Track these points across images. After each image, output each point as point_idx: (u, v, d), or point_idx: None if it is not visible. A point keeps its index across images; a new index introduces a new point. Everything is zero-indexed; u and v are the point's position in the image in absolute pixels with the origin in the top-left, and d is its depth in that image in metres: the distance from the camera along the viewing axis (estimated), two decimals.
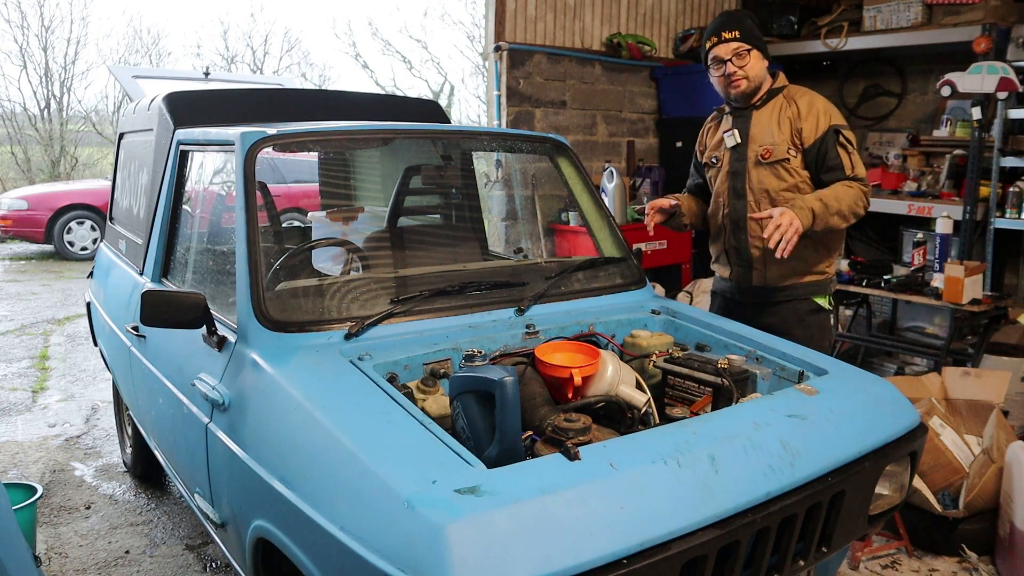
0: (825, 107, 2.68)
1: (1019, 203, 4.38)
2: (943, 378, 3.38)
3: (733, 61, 2.65)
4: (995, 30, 4.38)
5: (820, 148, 2.62)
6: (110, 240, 3.55)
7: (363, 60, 29.61)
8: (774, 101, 2.72)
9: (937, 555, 2.96)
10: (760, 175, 2.70)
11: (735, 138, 2.75)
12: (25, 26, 18.23)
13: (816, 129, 2.63)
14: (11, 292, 7.99)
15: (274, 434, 1.73)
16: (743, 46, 2.65)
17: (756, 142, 2.71)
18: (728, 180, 2.79)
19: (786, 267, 2.69)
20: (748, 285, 2.81)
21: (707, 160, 2.90)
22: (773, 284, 2.75)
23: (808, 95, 2.72)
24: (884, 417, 1.87)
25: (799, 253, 2.61)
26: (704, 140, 2.97)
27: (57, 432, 4.25)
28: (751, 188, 2.73)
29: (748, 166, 2.73)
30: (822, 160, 2.63)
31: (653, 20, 6.06)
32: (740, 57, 2.65)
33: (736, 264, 2.83)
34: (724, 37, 2.65)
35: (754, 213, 2.64)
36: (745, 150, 2.73)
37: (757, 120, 2.73)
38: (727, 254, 2.87)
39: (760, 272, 2.76)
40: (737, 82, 2.67)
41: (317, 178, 3.52)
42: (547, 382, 1.85)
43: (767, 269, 2.74)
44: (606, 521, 1.34)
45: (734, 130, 2.76)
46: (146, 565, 2.95)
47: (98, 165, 16.49)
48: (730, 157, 2.78)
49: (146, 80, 4.44)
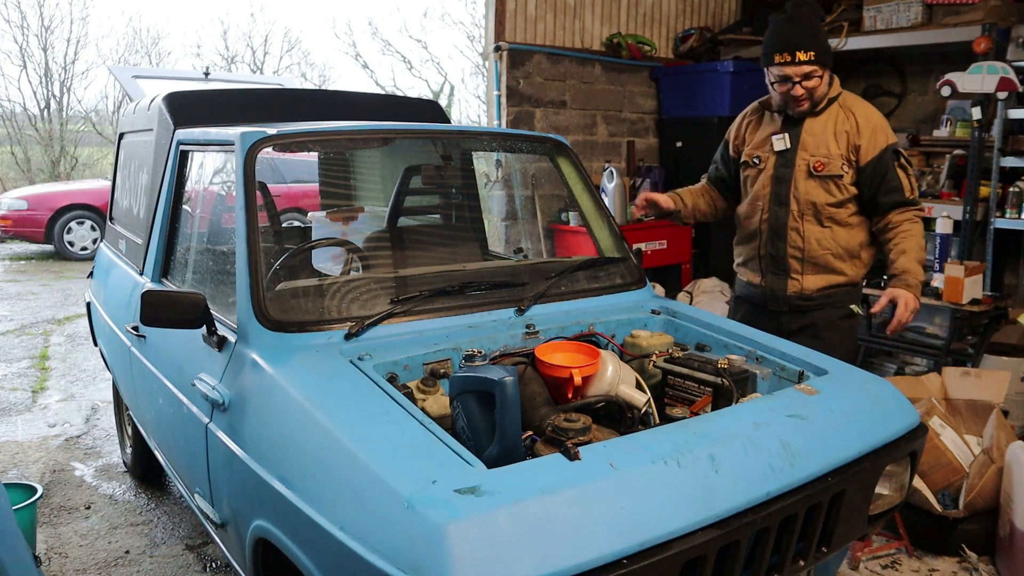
0: (881, 123, 2.61)
1: (1019, 203, 4.38)
2: (943, 378, 3.38)
3: (802, 83, 2.52)
4: (995, 30, 4.37)
5: (877, 168, 2.56)
6: (110, 240, 3.55)
7: (363, 60, 29.64)
8: (830, 110, 2.61)
9: (937, 555, 2.96)
10: (808, 187, 2.61)
11: (785, 143, 2.63)
12: (25, 26, 18.24)
13: (874, 147, 2.56)
14: (11, 292, 7.99)
15: (274, 434, 1.73)
16: (816, 70, 2.52)
17: (807, 151, 2.61)
18: (771, 185, 2.68)
19: (822, 277, 2.65)
20: (782, 293, 2.72)
21: (748, 159, 2.77)
22: (808, 293, 2.69)
23: (863, 106, 2.63)
24: (884, 417, 1.87)
25: (834, 264, 2.63)
26: (742, 134, 2.82)
27: (57, 432, 4.25)
28: (796, 198, 2.63)
29: (795, 174, 2.62)
30: (879, 180, 2.57)
31: (653, 20, 6.06)
32: (809, 79, 2.53)
33: (770, 271, 2.74)
34: (799, 59, 2.49)
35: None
36: (794, 157, 2.63)
37: (810, 128, 2.62)
38: (760, 259, 2.77)
39: (797, 282, 2.69)
40: (802, 103, 2.57)
41: (317, 178, 3.52)
42: (547, 382, 1.85)
43: (804, 279, 2.68)
44: (606, 521, 1.34)
45: (785, 134, 2.64)
46: (146, 565, 2.95)
47: (98, 165, 16.50)
48: (775, 161, 2.67)
49: (146, 80, 4.44)
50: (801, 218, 2.64)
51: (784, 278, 2.71)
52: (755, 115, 2.81)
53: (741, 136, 2.83)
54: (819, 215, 2.63)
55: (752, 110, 2.83)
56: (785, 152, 2.65)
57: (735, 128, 2.86)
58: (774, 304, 2.76)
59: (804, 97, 2.57)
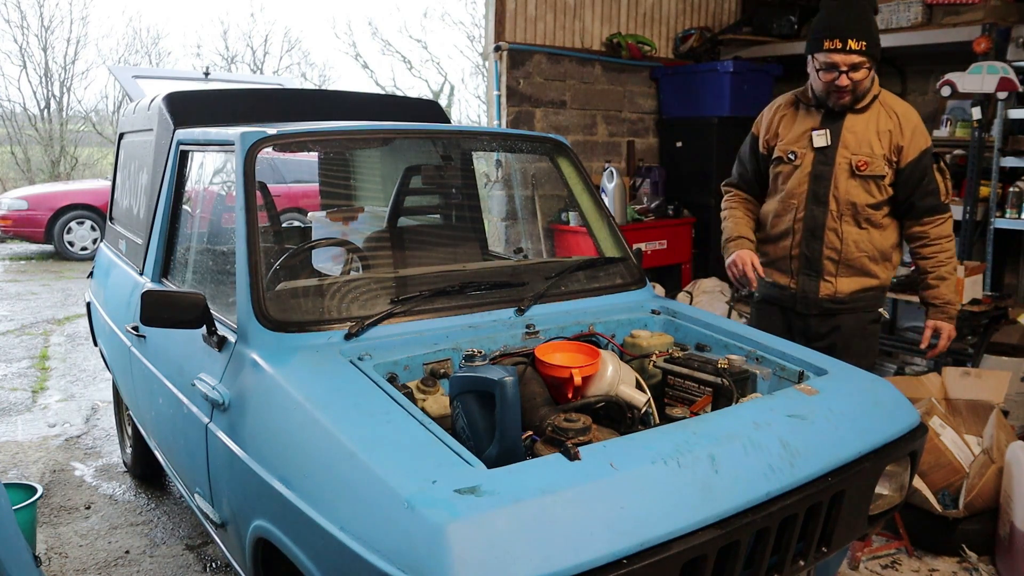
0: (921, 124, 2.56)
1: (1019, 203, 4.38)
2: (943, 378, 3.38)
3: (849, 74, 2.43)
4: (995, 30, 4.37)
5: (915, 170, 2.52)
6: (110, 240, 3.55)
7: (363, 60, 29.67)
8: (873, 107, 2.54)
9: (937, 555, 2.96)
10: (850, 186, 2.54)
11: (826, 139, 2.53)
12: (25, 26, 18.26)
13: (915, 148, 2.51)
14: (11, 292, 7.99)
15: (274, 434, 1.73)
16: (865, 61, 2.42)
17: (848, 149, 2.53)
18: (809, 183, 2.58)
19: (855, 280, 2.61)
20: (814, 296, 2.64)
21: (782, 154, 2.64)
22: (841, 297, 2.63)
23: (903, 105, 2.57)
24: (884, 417, 1.87)
25: (868, 267, 2.61)
26: (774, 128, 2.68)
27: (57, 432, 4.25)
28: (836, 197, 2.56)
29: (836, 172, 2.54)
30: (916, 183, 2.53)
31: (653, 20, 6.06)
32: (857, 70, 2.43)
33: (803, 272, 2.65)
34: (850, 47, 2.39)
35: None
36: (834, 154, 2.54)
37: (851, 125, 2.53)
38: (791, 260, 2.67)
39: (830, 284, 2.62)
40: (845, 96, 2.48)
41: (317, 178, 3.52)
42: (547, 382, 1.85)
43: (837, 282, 2.62)
44: (606, 521, 1.34)
45: (825, 130, 2.54)
46: (146, 565, 2.95)
47: (98, 165, 16.50)
48: (814, 158, 2.57)
49: (146, 80, 4.44)
50: (840, 219, 2.56)
51: (816, 280, 2.63)
52: (789, 108, 2.68)
53: (773, 130, 2.69)
54: (857, 216, 2.56)
55: (786, 102, 2.70)
56: (825, 149, 2.54)
57: (765, 122, 2.73)
58: (803, 307, 2.67)
59: (848, 89, 2.46)
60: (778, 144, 2.66)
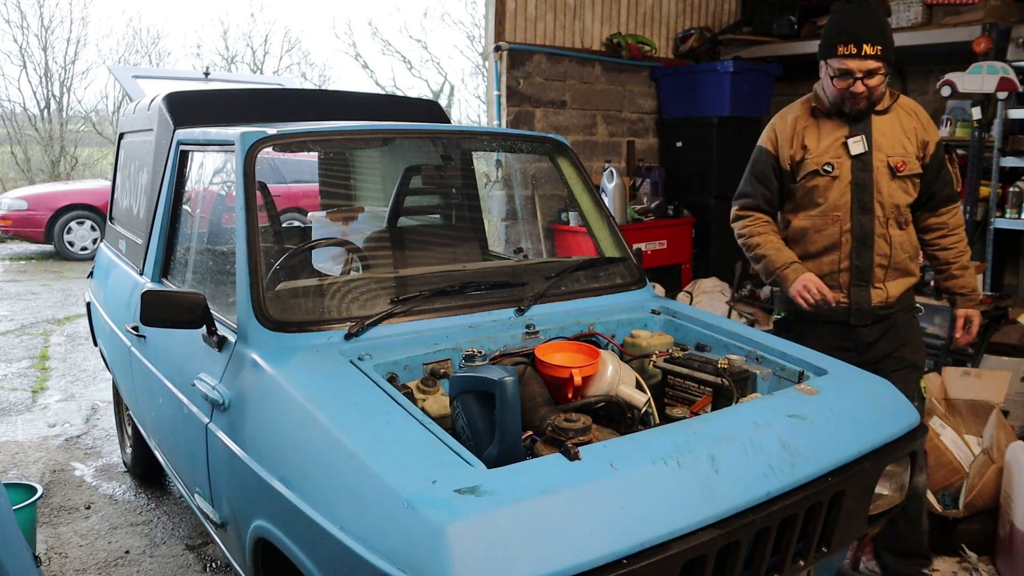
0: (931, 120, 2.58)
1: (1019, 203, 4.39)
2: (943, 378, 3.38)
3: (864, 80, 2.38)
4: (995, 30, 4.38)
5: (934, 162, 2.53)
6: (110, 240, 3.55)
7: (363, 60, 29.67)
8: (895, 107, 2.52)
9: (937, 555, 2.95)
10: (892, 188, 2.49)
11: (863, 145, 2.46)
12: (25, 26, 18.27)
13: (934, 144, 2.53)
14: (11, 292, 7.99)
15: (274, 434, 1.73)
16: (881, 67, 2.37)
17: (883, 151, 2.48)
18: (852, 192, 2.49)
19: (901, 282, 2.59)
20: (867, 306, 2.56)
21: (817, 167, 2.51)
22: (891, 301, 2.58)
23: (912, 102, 2.58)
24: (884, 417, 1.87)
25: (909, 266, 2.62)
26: (799, 141, 2.55)
27: (57, 432, 4.25)
28: (880, 203, 2.49)
29: (876, 177, 2.48)
30: (936, 173, 2.54)
31: (653, 20, 6.06)
32: (872, 76, 2.38)
33: (854, 284, 2.56)
34: (865, 52, 2.33)
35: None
36: (870, 159, 2.48)
37: (880, 127, 2.49)
38: (840, 274, 2.57)
39: (881, 291, 2.56)
40: (860, 102, 2.42)
41: (317, 178, 3.52)
42: (547, 382, 1.85)
43: (887, 287, 2.57)
44: (606, 521, 1.34)
45: (861, 136, 2.47)
46: (146, 565, 2.95)
47: (98, 165, 16.50)
48: (853, 166, 2.48)
49: (146, 80, 4.44)
50: (887, 224, 2.51)
51: (867, 289, 2.55)
52: (809, 119, 2.57)
53: (798, 144, 2.56)
54: (900, 218, 2.53)
55: (803, 113, 2.58)
56: (862, 155, 2.48)
57: (783, 137, 2.59)
58: (858, 319, 2.57)
59: (863, 96, 2.41)
60: (808, 158, 2.54)
